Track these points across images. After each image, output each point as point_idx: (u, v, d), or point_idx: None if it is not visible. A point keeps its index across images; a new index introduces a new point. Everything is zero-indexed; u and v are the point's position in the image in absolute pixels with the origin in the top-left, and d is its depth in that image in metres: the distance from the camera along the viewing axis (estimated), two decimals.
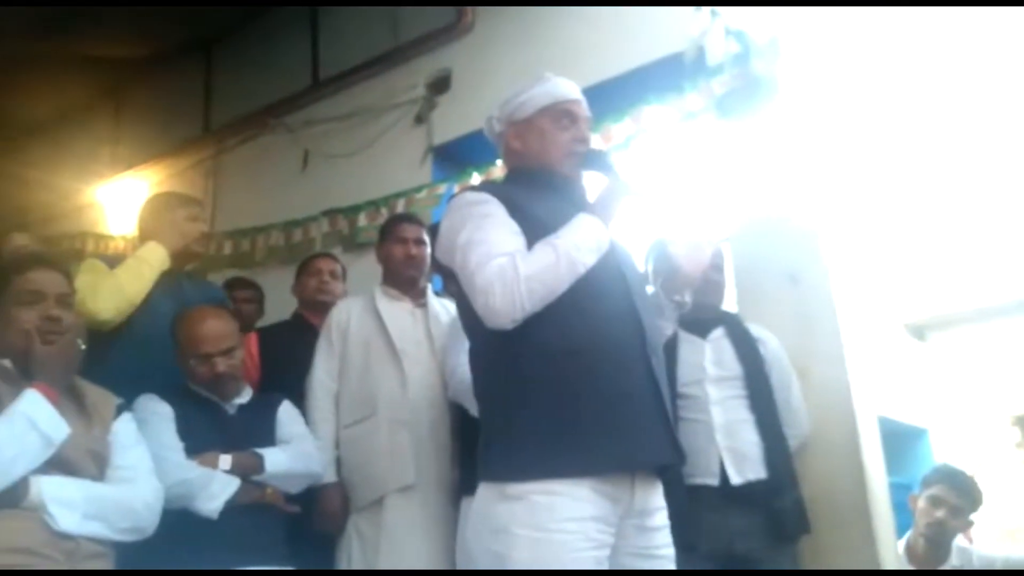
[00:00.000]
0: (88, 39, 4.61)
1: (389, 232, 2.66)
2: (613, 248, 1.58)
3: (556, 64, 3.38)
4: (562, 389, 1.44)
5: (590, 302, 1.48)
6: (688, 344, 2.38)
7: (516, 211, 1.55)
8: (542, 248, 1.47)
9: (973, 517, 2.83)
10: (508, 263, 1.44)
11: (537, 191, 1.62)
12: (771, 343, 2.46)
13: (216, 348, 2.09)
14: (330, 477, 2.35)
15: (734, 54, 2.82)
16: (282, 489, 2.07)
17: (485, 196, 1.58)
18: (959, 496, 2.69)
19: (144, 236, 2.44)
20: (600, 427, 1.42)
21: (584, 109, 1.72)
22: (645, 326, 1.53)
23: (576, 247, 1.47)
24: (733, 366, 2.34)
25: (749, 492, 2.21)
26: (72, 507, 1.58)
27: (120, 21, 4.43)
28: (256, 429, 2.13)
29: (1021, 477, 11.19)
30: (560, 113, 1.68)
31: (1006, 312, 11.53)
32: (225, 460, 1.98)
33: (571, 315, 1.46)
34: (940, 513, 2.66)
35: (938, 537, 2.68)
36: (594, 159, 1.68)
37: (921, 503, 2.73)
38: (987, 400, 10.99)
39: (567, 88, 1.72)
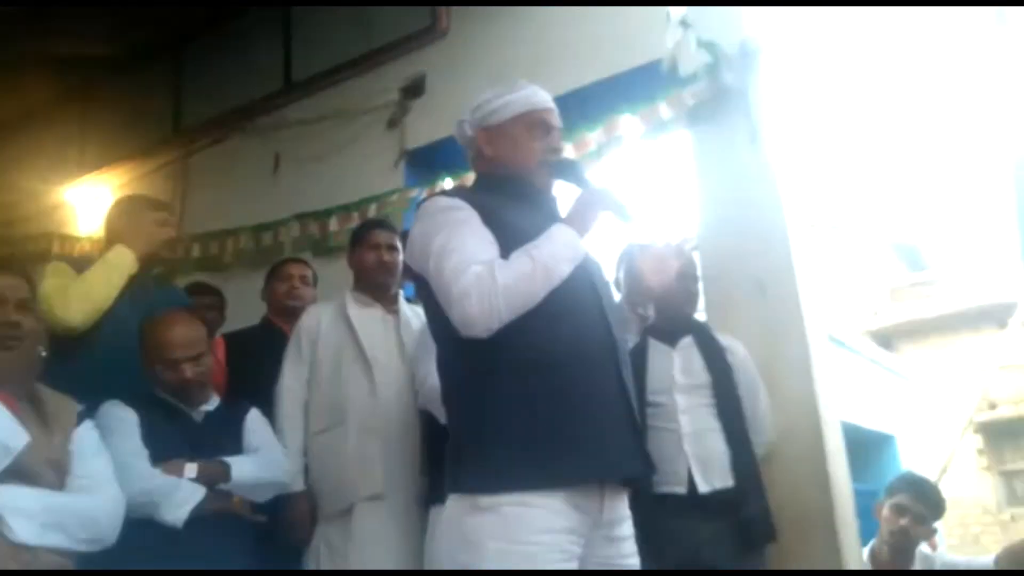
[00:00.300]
0: (54, 38, 4.54)
1: (361, 238, 2.64)
2: (585, 259, 1.58)
3: (530, 71, 3.42)
4: (534, 401, 1.43)
5: (563, 313, 1.48)
6: (657, 352, 2.40)
7: (490, 219, 1.53)
8: (519, 257, 1.46)
9: (936, 525, 2.88)
10: (485, 272, 1.43)
11: (508, 199, 1.61)
12: (739, 351, 2.49)
13: (185, 354, 2.06)
14: (298, 485, 2.33)
15: (705, 65, 2.86)
16: (249, 498, 2.05)
17: (459, 202, 1.56)
18: (923, 504, 2.73)
19: (111, 238, 2.39)
20: (572, 439, 1.42)
21: (557, 119, 1.71)
22: (616, 338, 1.54)
23: (553, 257, 1.47)
24: (701, 375, 2.36)
25: (716, 500, 2.23)
26: (30, 517, 1.54)
27: (88, 20, 4.37)
28: (223, 437, 2.10)
29: (983, 482, 11.45)
30: (534, 122, 1.67)
31: (970, 322, 11.81)
32: (191, 468, 1.95)
33: (544, 326, 1.46)
34: (904, 521, 2.70)
35: (902, 544, 2.72)
36: (566, 169, 1.67)
37: (885, 511, 2.77)
38: (951, 407, 11.26)
39: (541, 97, 1.71)
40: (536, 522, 1.37)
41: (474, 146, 1.72)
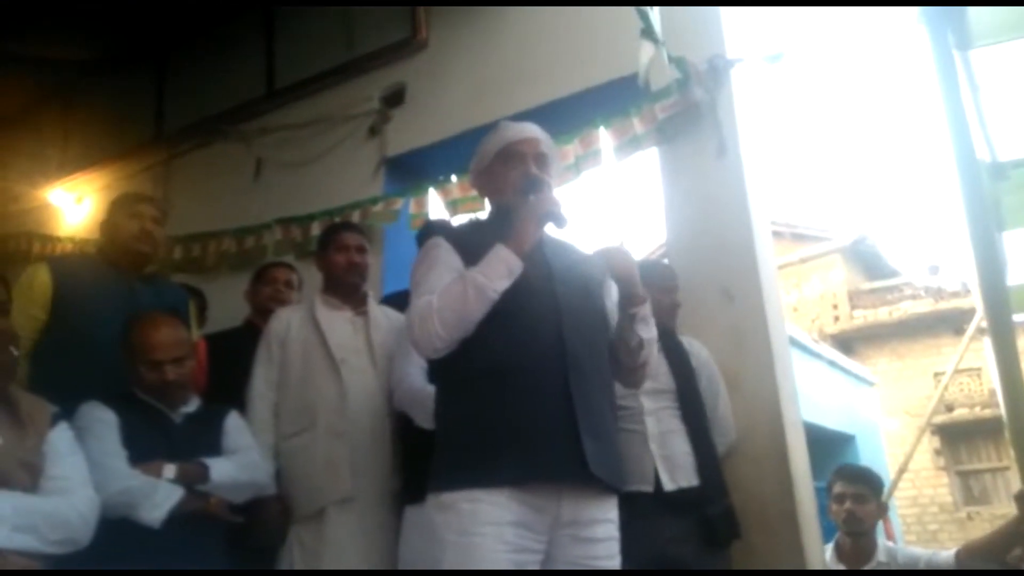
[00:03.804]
0: (36, 40, 4.51)
1: (330, 241, 2.66)
2: (550, 270, 1.71)
3: (507, 82, 3.52)
4: (480, 406, 1.59)
5: (514, 325, 1.61)
6: None
7: (464, 249, 1.70)
8: (455, 281, 1.62)
9: (891, 512, 2.97)
10: (427, 300, 1.61)
11: (498, 229, 1.73)
12: (701, 354, 2.57)
13: (167, 356, 2.08)
14: (270, 488, 2.31)
15: (675, 80, 2.95)
16: (227, 499, 2.07)
17: (438, 240, 1.76)
18: (856, 485, 2.86)
19: (101, 237, 2.49)
20: (507, 443, 1.55)
21: (533, 146, 1.82)
22: (567, 347, 1.63)
23: (485, 276, 1.59)
24: (666, 379, 2.43)
25: (681, 498, 2.30)
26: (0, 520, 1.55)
27: (71, 23, 4.35)
28: (202, 439, 2.13)
29: (940, 481, 11.75)
30: (509, 154, 1.81)
31: (927, 327, 12.14)
32: (169, 469, 1.97)
33: (495, 337, 1.60)
34: (847, 505, 2.84)
35: (856, 529, 2.83)
36: (527, 186, 1.75)
37: (832, 507, 2.91)
38: (909, 409, 11.54)
39: (516, 131, 1.85)
40: (482, 516, 1.50)
41: (479, 191, 1.93)
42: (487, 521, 1.50)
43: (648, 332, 1.78)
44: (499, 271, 1.60)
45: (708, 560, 2.29)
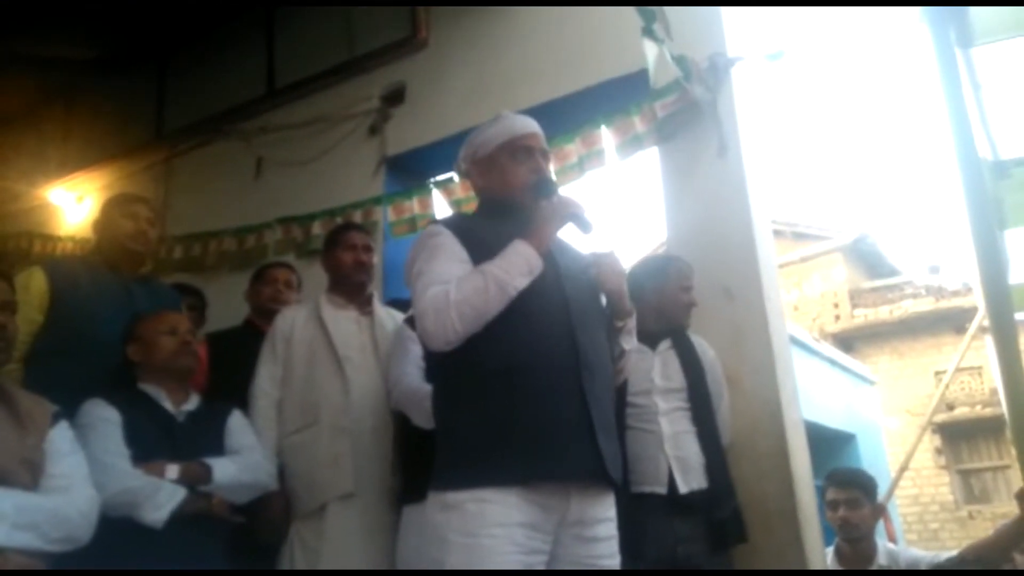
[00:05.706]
0: (38, 39, 4.52)
1: (337, 240, 2.67)
2: (558, 270, 1.69)
3: (508, 82, 3.52)
4: (491, 405, 1.55)
5: (525, 323, 1.59)
6: (638, 355, 2.42)
7: (468, 240, 1.67)
8: (473, 274, 1.58)
9: (881, 504, 2.97)
10: (442, 290, 1.56)
11: (498, 220, 1.73)
12: (708, 353, 2.56)
13: (185, 327, 2.17)
14: (272, 485, 2.31)
15: (676, 78, 2.94)
16: (229, 499, 2.07)
17: (439, 228, 1.72)
18: (846, 489, 2.86)
19: (95, 236, 2.50)
20: (520, 441, 1.53)
21: (539, 141, 1.82)
22: (579, 346, 1.62)
23: (506, 271, 1.57)
24: (678, 378, 2.43)
25: (692, 500, 2.29)
26: (0, 518, 1.54)
27: (72, 23, 4.36)
28: (205, 437, 2.13)
29: (941, 480, 11.76)
30: (516, 148, 1.79)
31: (928, 326, 12.15)
32: (172, 469, 1.96)
33: (507, 336, 1.57)
34: (840, 512, 2.84)
35: (852, 533, 2.83)
36: (540, 186, 1.76)
37: (827, 513, 2.90)
38: (910, 408, 11.55)
39: (522, 124, 1.83)
40: (491, 516, 1.47)
41: (471, 179, 1.88)
42: (496, 523, 1.47)
43: (630, 343, 1.79)
44: (520, 268, 1.59)
45: (715, 560, 2.30)
